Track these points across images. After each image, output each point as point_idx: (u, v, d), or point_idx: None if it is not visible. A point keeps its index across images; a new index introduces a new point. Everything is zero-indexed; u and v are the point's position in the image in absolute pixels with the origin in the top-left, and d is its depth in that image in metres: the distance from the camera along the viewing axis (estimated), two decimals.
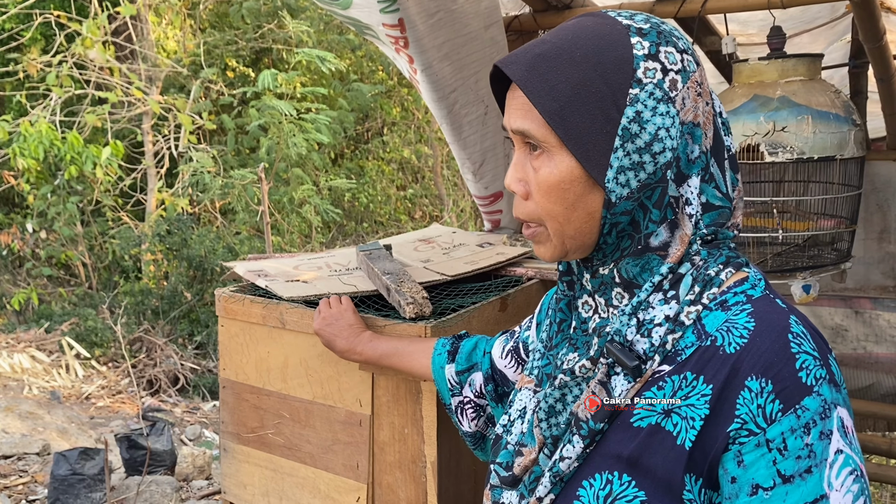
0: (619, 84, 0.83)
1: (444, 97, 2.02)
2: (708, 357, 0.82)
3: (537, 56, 0.85)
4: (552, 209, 0.87)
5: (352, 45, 9.47)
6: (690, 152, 0.85)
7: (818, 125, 1.89)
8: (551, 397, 0.90)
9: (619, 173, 0.83)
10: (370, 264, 1.74)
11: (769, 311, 0.83)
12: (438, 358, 1.30)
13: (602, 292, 0.90)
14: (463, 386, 1.26)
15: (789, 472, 0.77)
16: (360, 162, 10.12)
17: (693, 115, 0.85)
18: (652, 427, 0.82)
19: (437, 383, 1.30)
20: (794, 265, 2.03)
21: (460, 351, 1.28)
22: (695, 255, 0.86)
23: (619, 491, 0.82)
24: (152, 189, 8.73)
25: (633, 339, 0.85)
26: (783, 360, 0.78)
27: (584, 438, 0.85)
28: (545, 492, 0.88)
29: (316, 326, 1.48)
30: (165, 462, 4.25)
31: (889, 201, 2.58)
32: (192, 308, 7.54)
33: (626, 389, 0.84)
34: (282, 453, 1.70)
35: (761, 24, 2.80)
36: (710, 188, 0.87)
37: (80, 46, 7.88)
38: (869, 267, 2.65)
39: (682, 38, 0.87)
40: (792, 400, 0.77)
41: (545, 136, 0.85)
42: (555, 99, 0.83)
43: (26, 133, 7.16)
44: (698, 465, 0.80)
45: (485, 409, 1.25)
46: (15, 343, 6.74)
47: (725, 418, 0.79)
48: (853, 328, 2.71)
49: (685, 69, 0.85)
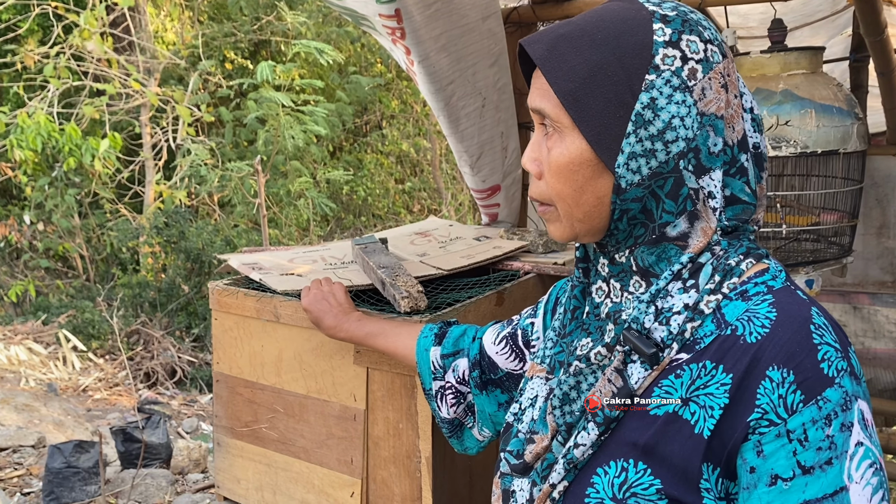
0: (636, 69, 0.82)
1: (441, 89, 2.00)
2: (728, 346, 0.81)
3: (560, 36, 0.85)
4: (562, 190, 0.87)
5: (350, 36, 9.44)
6: (713, 145, 0.84)
7: (822, 119, 1.87)
8: (566, 384, 0.89)
9: (630, 159, 0.83)
10: (365, 258, 1.73)
11: (791, 302, 0.82)
12: (424, 340, 1.29)
13: (619, 278, 0.89)
14: (446, 370, 1.24)
15: (809, 464, 0.76)
16: (358, 155, 10.10)
17: (716, 106, 0.84)
18: (669, 415, 0.82)
19: (419, 366, 1.28)
20: (797, 259, 2.02)
21: (448, 335, 1.27)
22: (715, 245, 0.85)
23: (634, 479, 0.82)
24: (150, 181, 8.71)
25: (651, 327, 0.84)
26: (805, 350, 0.78)
27: (600, 426, 0.84)
28: (559, 478, 0.87)
29: (305, 303, 1.46)
30: (161, 455, 4.24)
31: (888, 196, 2.57)
32: (189, 301, 7.53)
33: (642, 377, 0.84)
34: (276, 448, 1.69)
35: (762, 18, 2.79)
36: (738, 182, 0.87)
37: (77, 38, 7.85)
38: (868, 262, 2.64)
39: (710, 29, 0.86)
40: (814, 391, 0.76)
41: (559, 116, 0.85)
42: (571, 80, 0.83)
43: (24, 124, 7.13)
44: (716, 454, 0.79)
45: (465, 397, 1.24)
46: (12, 335, 6.73)
47: (745, 408, 0.78)
48: (851, 323, 2.70)
49: (707, 59, 0.84)
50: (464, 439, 1.28)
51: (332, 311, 1.42)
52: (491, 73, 2.09)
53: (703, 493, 0.79)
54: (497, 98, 2.15)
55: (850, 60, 2.49)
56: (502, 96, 2.17)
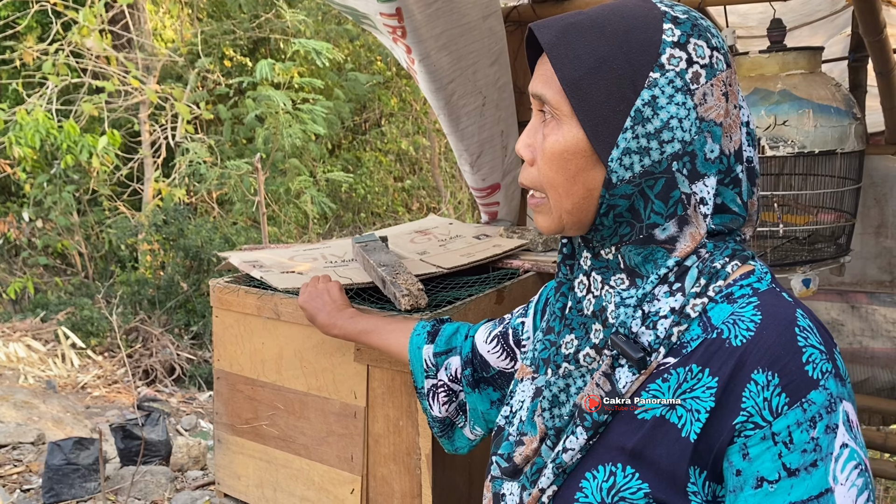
0: (641, 65, 0.82)
1: (441, 88, 2.00)
2: (714, 350, 0.81)
3: (570, 24, 0.86)
4: (553, 178, 0.87)
5: (350, 35, 9.43)
6: (709, 151, 0.84)
7: (819, 119, 1.88)
8: (555, 386, 0.90)
9: (624, 154, 0.83)
10: (366, 256, 1.73)
11: (776, 305, 0.82)
12: (417, 338, 1.28)
13: (601, 272, 0.90)
14: (439, 369, 1.24)
15: (795, 466, 0.76)
16: (357, 153, 10.09)
17: (716, 113, 0.84)
18: (657, 419, 0.82)
19: (411, 363, 1.28)
20: (794, 259, 2.03)
21: (441, 333, 1.27)
22: (701, 247, 0.85)
23: (622, 483, 0.82)
24: (149, 179, 8.70)
25: (638, 331, 0.85)
26: (790, 353, 0.78)
27: (588, 430, 0.85)
28: (548, 483, 0.87)
29: (300, 301, 1.46)
30: (160, 452, 4.24)
31: (887, 196, 2.58)
32: (188, 298, 7.53)
33: (630, 381, 0.84)
34: (276, 445, 1.69)
35: (761, 17, 2.79)
36: (731, 192, 0.87)
37: (76, 35, 7.84)
38: (866, 261, 2.64)
39: (718, 37, 0.87)
40: (798, 393, 0.77)
41: (559, 103, 0.85)
42: (575, 68, 0.83)
43: (22, 121, 7.12)
44: (703, 457, 0.80)
45: (458, 395, 1.23)
46: (11, 332, 6.73)
47: (731, 411, 0.78)
48: (849, 323, 2.71)
49: (712, 66, 0.84)
50: (455, 439, 1.28)
51: (325, 308, 1.42)
52: (491, 71, 2.10)
53: (690, 497, 0.80)
54: (497, 97, 2.15)
55: (849, 60, 2.49)
56: (502, 95, 2.18)
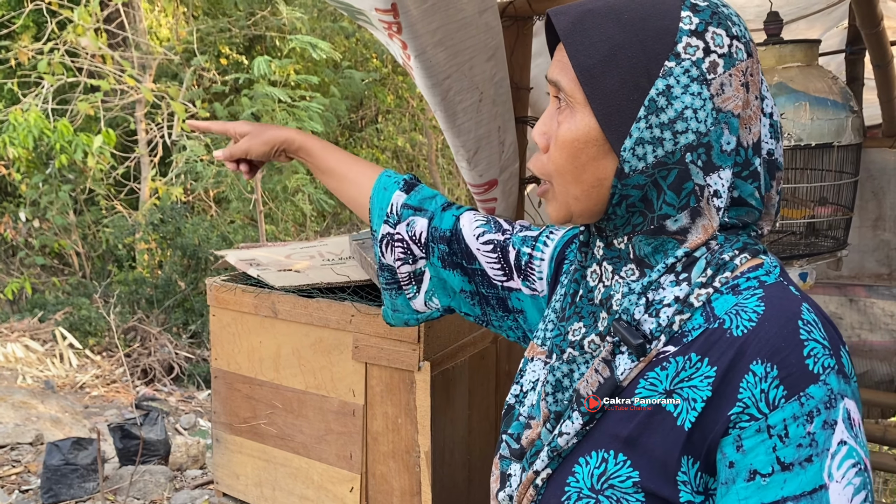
0: (656, 54, 0.81)
1: (437, 84, 2.00)
2: (714, 339, 0.80)
3: (587, 11, 0.84)
4: (563, 166, 0.86)
5: (346, 32, 9.41)
6: (725, 143, 0.82)
7: (816, 112, 1.88)
8: (559, 371, 0.90)
9: (637, 144, 0.82)
10: (363, 253, 1.73)
11: (780, 297, 0.81)
12: (387, 179, 1.21)
13: (612, 262, 0.89)
14: (400, 221, 1.18)
15: (789, 460, 0.75)
16: (354, 150, 10.08)
17: (734, 104, 0.82)
18: (653, 408, 0.82)
19: (371, 201, 1.20)
20: (791, 253, 2.02)
21: (418, 189, 1.22)
22: (712, 239, 0.84)
23: (613, 470, 0.82)
24: (146, 177, 8.68)
25: (641, 319, 0.84)
26: (791, 346, 0.77)
27: (584, 416, 0.85)
28: (542, 466, 0.87)
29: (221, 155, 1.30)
30: (159, 451, 4.24)
31: (884, 189, 2.58)
32: (186, 297, 7.52)
33: (629, 368, 0.84)
34: (275, 443, 1.69)
35: (758, 10, 2.78)
36: (749, 186, 0.85)
37: (71, 34, 7.81)
38: (863, 255, 2.64)
39: (740, 25, 0.84)
40: (797, 387, 0.76)
41: (573, 91, 0.84)
42: (590, 56, 0.82)
43: (15, 122, 7.10)
44: (697, 447, 0.79)
45: (416, 261, 1.19)
46: (8, 332, 6.71)
47: (727, 401, 0.78)
48: (847, 316, 2.71)
49: (731, 55, 0.82)
50: (397, 301, 1.22)
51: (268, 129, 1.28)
52: (488, 67, 2.09)
53: (679, 486, 0.79)
54: (494, 92, 2.15)
55: (846, 53, 2.49)
56: (499, 90, 2.17)
